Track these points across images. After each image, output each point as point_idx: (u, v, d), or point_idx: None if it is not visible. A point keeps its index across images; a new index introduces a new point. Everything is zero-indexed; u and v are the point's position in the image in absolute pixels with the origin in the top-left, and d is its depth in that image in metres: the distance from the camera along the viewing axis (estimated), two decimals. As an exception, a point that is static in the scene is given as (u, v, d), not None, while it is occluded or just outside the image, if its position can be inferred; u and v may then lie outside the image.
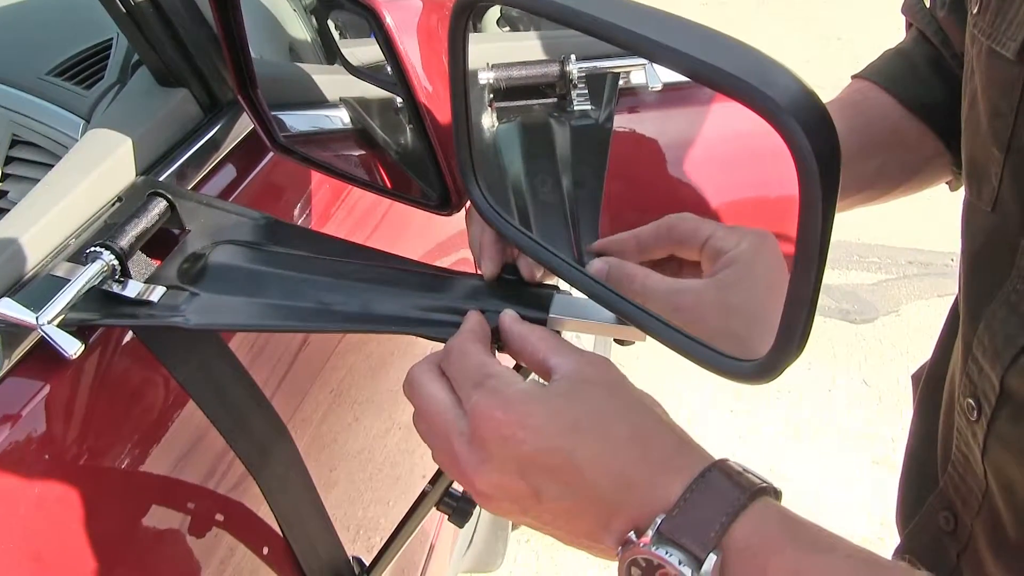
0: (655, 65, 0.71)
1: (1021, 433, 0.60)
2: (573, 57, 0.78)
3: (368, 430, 1.22)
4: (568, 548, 1.96)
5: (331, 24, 0.94)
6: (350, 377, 1.15)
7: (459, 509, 0.81)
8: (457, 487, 0.83)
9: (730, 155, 0.74)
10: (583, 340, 2.41)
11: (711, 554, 0.48)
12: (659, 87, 0.80)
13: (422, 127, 0.70)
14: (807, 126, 0.41)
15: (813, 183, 0.42)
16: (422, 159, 0.73)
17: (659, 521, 0.49)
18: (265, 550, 0.93)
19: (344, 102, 0.88)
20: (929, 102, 0.82)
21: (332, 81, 0.89)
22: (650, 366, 2.80)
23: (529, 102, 0.80)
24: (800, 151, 0.41)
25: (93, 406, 0.75)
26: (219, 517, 0.88)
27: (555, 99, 0.79)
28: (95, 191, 0.83)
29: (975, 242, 0.66)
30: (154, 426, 0.80)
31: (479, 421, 0.53)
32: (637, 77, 0.81)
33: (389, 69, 0.69)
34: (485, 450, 0.53)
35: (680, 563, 0.48)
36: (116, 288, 0.72)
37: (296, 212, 0.99)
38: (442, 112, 0.71)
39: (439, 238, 1.31)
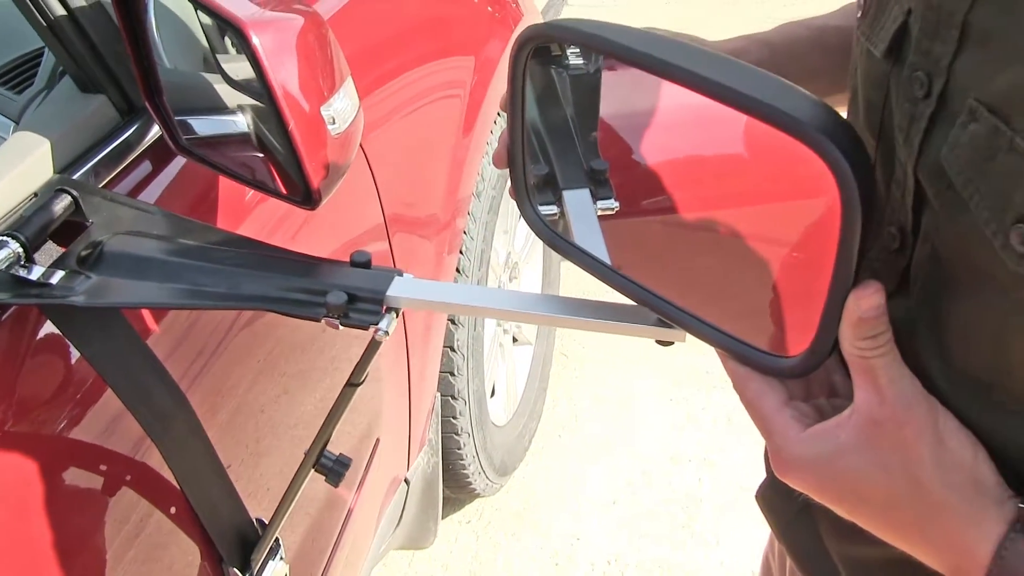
0: None
1: None
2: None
3: (300, 405, 1.31)
4: (508, 533, 2.10)
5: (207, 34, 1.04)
6: (278, 349, 1.25)
7: (333, 471, 0.92)
8: (332, 451, 0.94)
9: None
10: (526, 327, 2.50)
11: None
12: None
13: (286, 136, 0.81)
14: (843, 148, 0.50)
15: (853, 200, 0.50)
16: (293, 163, 0.83)
17: None
18: (173, 510, 1.03)
19: (241, 108, 0.98)
20: None
21: (231, 90, 1.00)
22: (596, 354, 2.92)
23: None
24: (840, 172, 0.50)
25: (4, 376, 0.85)
26: (128, 478, 0.98)
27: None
28: (15, 187, 0.92)
29: None
30: (62, 395, 0.90)
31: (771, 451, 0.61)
32: None
33: (257, 85, 0.80)
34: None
35: None
36: (22, 272, 0.82)
37: (203, 206, 1.09)
38: (305, 123, 0.81)
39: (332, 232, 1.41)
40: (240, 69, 0.87)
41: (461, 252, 1.86)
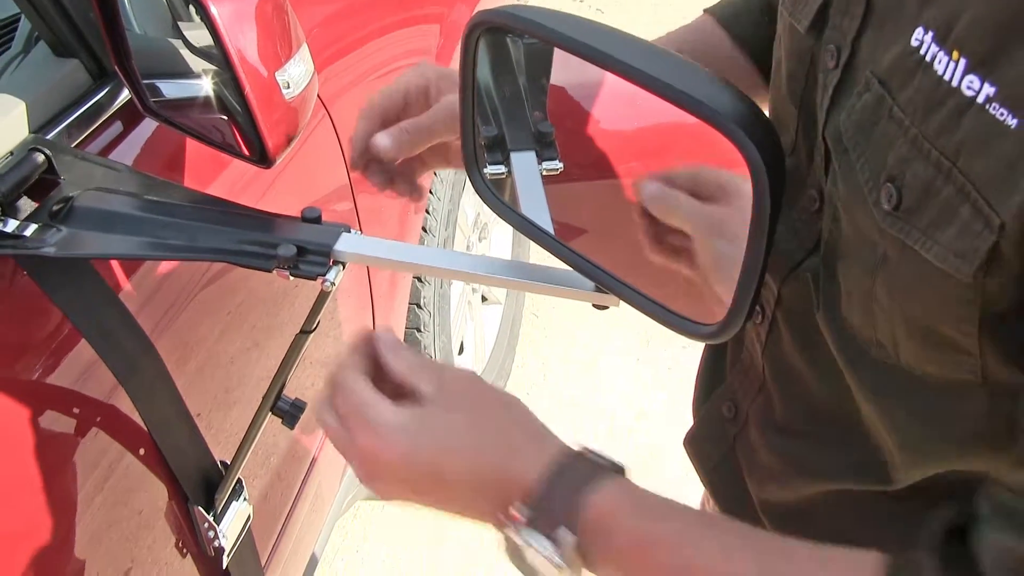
0: None
1: (791, 331, 0.75)
2: None
3: (270, 358, 1.37)
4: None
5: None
6: (249, 301, 1.31)
7: (288, 413, 0.99)
8: (288, 396, 1.01)
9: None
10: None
11: (567, 535, 0.60)
12: None
13: (243, 100, 0.87)
14: (754, 138, 0.55)
15: (764, 189, 0.55)
16: (249, 125, 0.90)
17: (520, 508, 0.62)
18: (141, 451, 1.10)
19: (204, 72, 1.04)
20: (755, 39, 0.92)
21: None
22: (566, 313, 2.99)
23: None
24: (752, 161, 0.55)
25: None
26: (99, 420, 1.04)
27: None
28: (-9, 147, 0.99)
29: None
30: (36, 341, 0.97)
31: (363, 452, 0.67)
32: None
33: (216, 51, 0.86)
34: (373, 470, 0.67)
35: (541, 545, 0.60)
36: (-2, 225, 0.89)
37: (173, 166, 1.15)
38: (261, 87, 0.87)
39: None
40: (201, 36, 0.93)
41: (428, 212, 1.92)
